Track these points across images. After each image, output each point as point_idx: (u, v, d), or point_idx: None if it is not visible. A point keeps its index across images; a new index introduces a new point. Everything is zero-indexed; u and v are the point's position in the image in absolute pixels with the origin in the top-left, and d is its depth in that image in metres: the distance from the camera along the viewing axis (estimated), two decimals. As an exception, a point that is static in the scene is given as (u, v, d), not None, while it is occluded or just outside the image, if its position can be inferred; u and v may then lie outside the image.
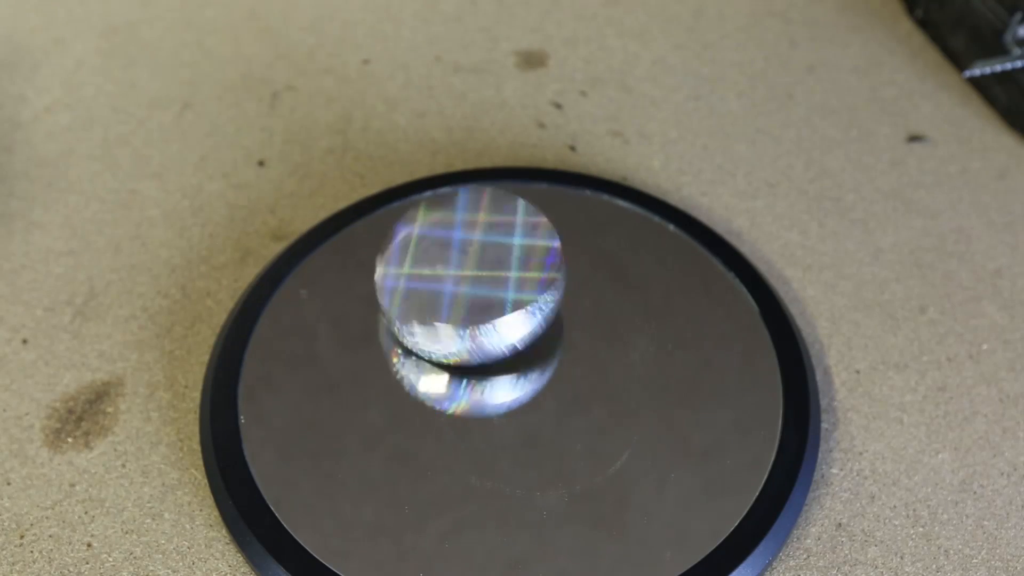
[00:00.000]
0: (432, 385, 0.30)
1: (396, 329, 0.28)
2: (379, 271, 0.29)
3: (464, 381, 0.30)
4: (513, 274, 0.28)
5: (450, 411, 0.29)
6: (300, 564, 0.26)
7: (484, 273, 0.28)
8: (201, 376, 0.31)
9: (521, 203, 0.30)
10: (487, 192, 0.30)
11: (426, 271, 0.28)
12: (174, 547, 0.28)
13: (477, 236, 0.29)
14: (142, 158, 0.39)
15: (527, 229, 0.30)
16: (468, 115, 0.41)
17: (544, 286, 0.28)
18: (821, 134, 0.40)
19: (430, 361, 0.29)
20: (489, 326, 0.27)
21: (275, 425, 0.29)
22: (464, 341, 0.27)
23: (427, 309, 0.27)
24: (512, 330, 0.28)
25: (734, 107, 0.41)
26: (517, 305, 0.28)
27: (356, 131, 0.40)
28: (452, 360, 0.28)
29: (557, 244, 0.29)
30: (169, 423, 0.30)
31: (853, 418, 0.31)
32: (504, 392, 0.30)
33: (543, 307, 0.28)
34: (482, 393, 0.30)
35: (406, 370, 0.30)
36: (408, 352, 0.30)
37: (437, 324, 0.27)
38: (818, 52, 0.44)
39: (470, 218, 0.30)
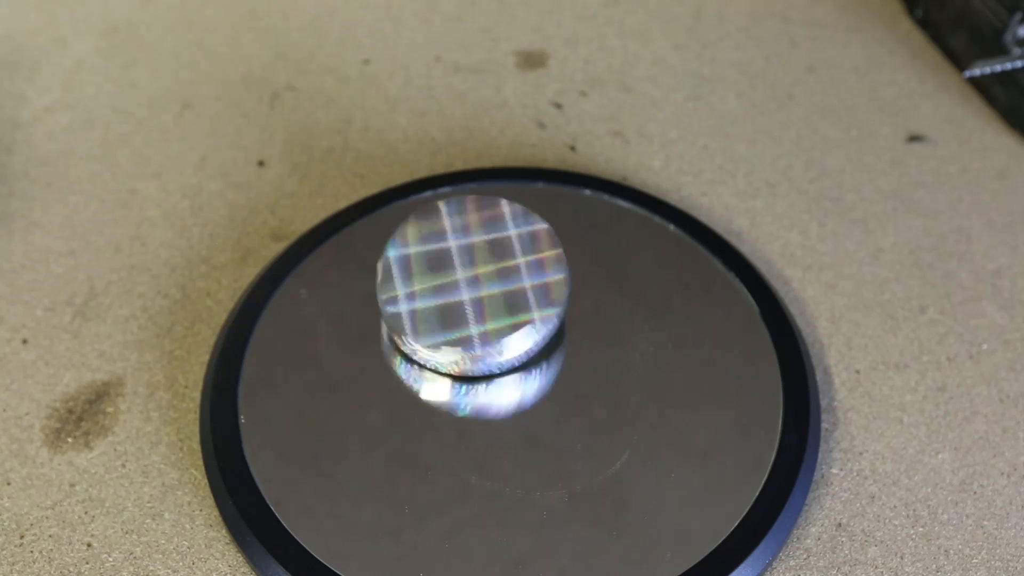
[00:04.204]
0: (433, 386, 0.30)
1: (397, 340, 0.28)
2: (380, 280, 0.29)
3: (464, 383, 0.30)
4: (516, 287, 0.28)
5: (450, 411, 0.29)
6: (300, 564, 0.26)
7: (486, 286, 0.28)
8: (201, 376, 0.31)
9: (520, 211, 0.30)
10: (486, 201, 0.30)
11: (428, 283, 0.28)
12: (174, 547, 0.28)
13: (479, 248, 0.29)
14: (142, 158, 0.39)
15: (529, 239, 0.30)
16: (468, 115, 0.41)
17: (548, 298, 0.28)
18: (821, 134, 0.40)
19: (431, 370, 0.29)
20: (490, 341, 0.27)
21: (275, 425, 0.29)
22: (466, 355, 0.28)
23: (429, 323, 0.28)
24: (514, 345, 0.28)
25: (734, 107, 0.41)
26: (520, 320, 0.28)
27: (356, 131, 0.40)
28: (452, 370, 0.28)
29: (562, 257, 0.29)
30: (169, 423, 0.30)
31: (853, 418, 0.31)
32: (504, 392, 0.30)
33: (546, 323, 0.28)
34: (482, 393, 0.30)
35: (406, 371, 0.30)
36: (409, 359, 0.30)
37: (439, 338, 0.27)
38: (818, 52, 0.44)
39: (472, 229, 0.30)
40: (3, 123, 0.40)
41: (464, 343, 0.28)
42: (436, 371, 0.29)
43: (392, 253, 0.29)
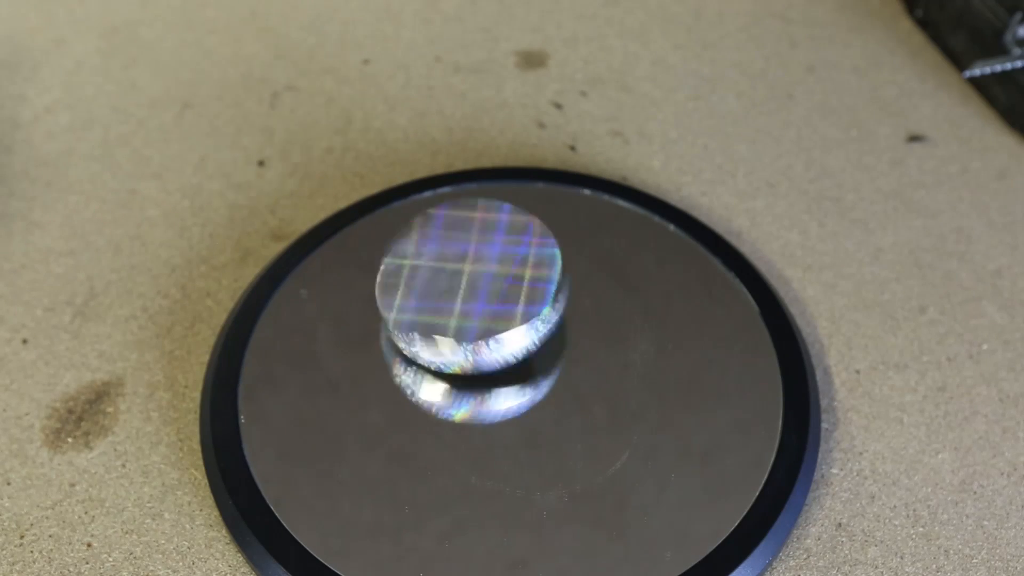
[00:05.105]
0: (432, 386, 0.30)
1: (397, 340, 0.28)
2: (380, 281, 0.29)
3: (465, 383, 0.30)
4: (515, 287, 0.28)
5: (450, 411, 0.29)
6: (300, 564, 0.26)
7: (485, 286, 0.28)
8: (201, 376, 0.31)
9: (518, 211, 0.30)
10: (483, 202, 0.30)
11: (427, 286, 0.28)
12: (174, 547, 0.28)
13: (477, 250, 0.29)
14: (142, 158, 0.39)
15: (528, 240, 0.30)
16: (468, 115, 0.41)
17: (546, 300, 0.28)
18: (821, 134, 0.40)
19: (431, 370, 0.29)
20: (490, 341, 0.27)
21: (275, 425, 0.29)
22: (465, 355, 0.28)
23: (428, 322, 0.28)
24: (513, 345, 0.28)
25: (734, 107, 0.41)
26: (519, 320, 0.28)
27: (356, 131, 0.40)
28: (453, 370, 0.28)
29: (559, 256, 0.29)
30: (169, 423, 0.30)
31: (853, 418, 0.31)
32: (504, 392, 0.30)
33: (545, 322, 0.28)
34: (482, 394, 0.30)
35: (406, 371, 0.30)
36: (408, 359, 0.30)
37: (438, 338, 0.27)
38: (818, 52, 0.44)
39: (469, 231, 0.30)
40: (3, 123, 0.40)
41: (464, 344, 0.28)
42: (436, 372, 0.29)
43: (391, 257, 0.29)
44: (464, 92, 0.42)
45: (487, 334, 0.27)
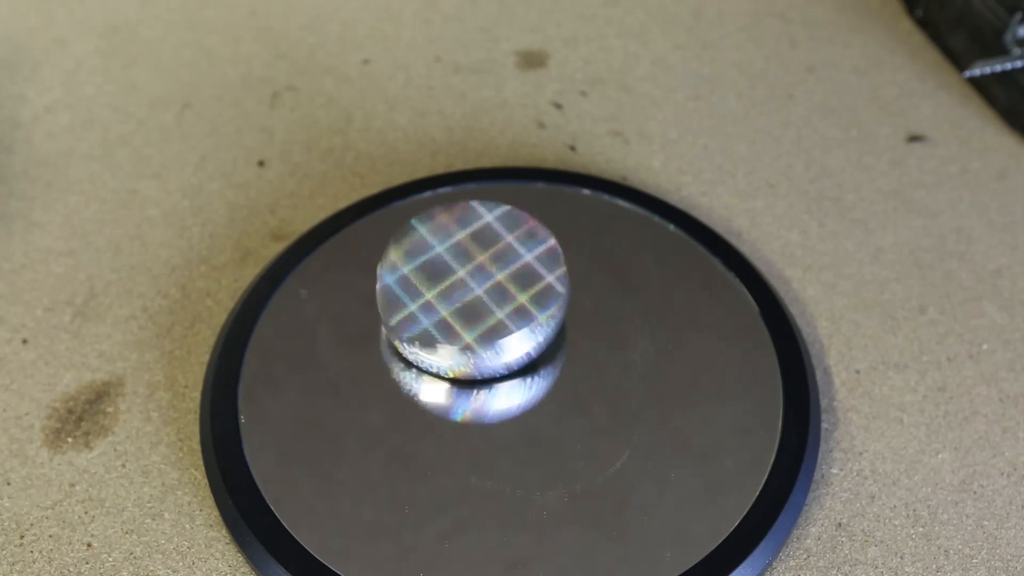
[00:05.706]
0: (433, 388, 0.30)
1: (397, 345, 0.28)
2: (380, 285, 0.29)
3: (465, 384, 0.30)
4: (515, 291, 0.28)
5: (450, 412, 0.29)
6: (300, 564, 0.26)
7: (486, 290, 0.28)
8: (201, 376, 0.31)
9: (518, 213, 0.30)
10: (483, 203, 0.30)
11: (428, 290, 0.28)
12: (174, 547, 0.28)
13: (476, 253, 0.29)
14: (142, 158, 0.39)
15: (529, 243, 0.30)
16: (468, 115, 0.41)
17: (547, 304, 0.28)
18: (821, 134, 0.40)
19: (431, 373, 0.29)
20: (491, 346, 0.27)
21: (275, 425, 0.29)
22: (465, 360, 0.28)
23: (429, 328, 0.28)
24: (514, 350, 0.28)
25: (734, 107, 0.41)
26: (520, 324, 0.28)
27: (356, 131, 0.40)
28: (453, 374, 0.28)
29: (561, 259, 0.29)
30: (169, 423, 0.30)
31: (853, 418, 0.31)
32: (505, 392, 0.30)
33: (546, 326, 0.28)
34: (483, 394, 0.30)
35: (406, 372, 0.30)
36: (409, 363, 0.30)
37: (438, 344, 0.27)
38: (818, 52, 0.44)
39: (468, 233, 0.30)
40: (3, 123, 0.40)
41: (464, 349, 0.28)
42: (437, 375, 0.29)
43: (391, 258, 0.29)
44: (464, 92, 0.42)
45: (487, 339, 0.27)
